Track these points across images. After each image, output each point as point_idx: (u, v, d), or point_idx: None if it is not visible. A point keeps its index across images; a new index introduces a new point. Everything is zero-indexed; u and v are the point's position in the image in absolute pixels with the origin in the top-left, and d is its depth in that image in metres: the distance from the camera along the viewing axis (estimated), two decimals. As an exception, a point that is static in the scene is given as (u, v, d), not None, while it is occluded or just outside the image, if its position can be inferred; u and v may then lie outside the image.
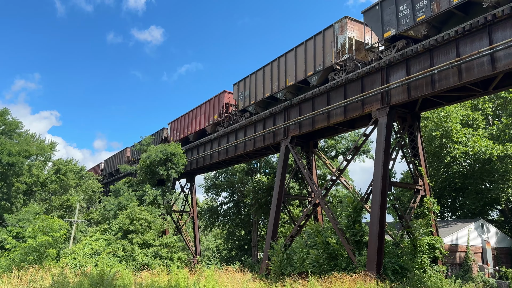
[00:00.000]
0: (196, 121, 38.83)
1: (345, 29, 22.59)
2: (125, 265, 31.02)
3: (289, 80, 26.76)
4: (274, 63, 28.46)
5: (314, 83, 24.79)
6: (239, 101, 32.32)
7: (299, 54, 26.08)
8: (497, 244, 33.06)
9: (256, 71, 30.44)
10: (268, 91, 28.78)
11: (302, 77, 25.61)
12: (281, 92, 27.56)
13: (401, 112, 22.69)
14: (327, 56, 23.66)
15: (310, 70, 24.94)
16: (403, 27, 19.33)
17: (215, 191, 49.74)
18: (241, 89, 32.09)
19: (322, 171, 41.11)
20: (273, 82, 28.27)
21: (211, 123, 36.14)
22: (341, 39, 22.82)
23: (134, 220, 34.15)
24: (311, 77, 24.92)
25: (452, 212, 42.19)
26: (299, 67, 25.92)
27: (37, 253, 28.66)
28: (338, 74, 23.36)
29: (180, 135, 41.57)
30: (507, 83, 19.30)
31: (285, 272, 23.01)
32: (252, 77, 30.86)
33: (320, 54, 24.23)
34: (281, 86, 27.44)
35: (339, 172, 23.93)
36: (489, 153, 33.12)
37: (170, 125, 44.27)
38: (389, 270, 18.97)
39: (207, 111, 37.20)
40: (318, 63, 24.32)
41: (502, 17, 16.06)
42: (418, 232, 20.94)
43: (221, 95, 35.53)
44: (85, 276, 20.90)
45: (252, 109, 30.79)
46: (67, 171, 51.47)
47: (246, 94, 31.33)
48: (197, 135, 39.15)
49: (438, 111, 35.30)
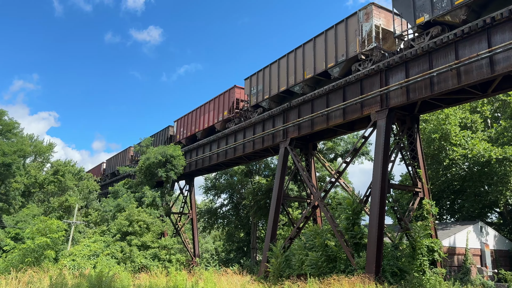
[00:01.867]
0: (205, 118, 37.18)
1: (371, 17, 21.07)
2: (124, 267, 30.97)
3: (308, 72, 25.15)
4: (290, 55, 26.87)
5: (336, 75, 23.24)
6: (251, 96, 30.65)
7: (319, 44, 24.48)
8: (495, 246, 33.07)
9: (270, 64, 28.91)
10: (284, 85, 27.21)
11: (322, 69, 24.04)
12: (298, 85, 25.95)
13: (400, 115, 22.72)
14: (351, 45, 22.11)
15: (331, 61, 23.40)
16: (439, 11, 17.97)
17: (214, 192, 49.71)
18: (254, 83, 30.50)
19: (321, 173, 41.11)
20: (289, 75, 26.69)
21: (220, 119, 34.62)
22: (366, 27, 21.27)
23: (132, 221, 34.12)
24: (332, 69, 23.32)
25: (451, 214, 42.22)
26: (319, 59, 24.34)
27: (35, 255, 28.62)
28: (363, 65, 21.84)
29: (187, 133, 40.11)
30: (505, 85, 19.34)
31: (284, 274, 22.97)
32: (265, 71, 29.33)
33: (342, 43, 22.71)
34: (298, 79, 25.84)
35: (338, 174, 23.94)
36: (487, 155, 33.17)
37: (176, 122, 42.90)
38: (388, 273, 18.96)
39: (216, 108, 35.56)
40: (341, 53, 22.77)
41: (501, 20, 16.12)
42: (417, 234, 20.94)
43: (231, 91, 33.84)
44: (83, 278, 20.86)
45: (265, 104, 29.16)
46: (65, 172, 51.39)
47: (259, 88, 29.74)
48: (205, 132, 37.64)
49: (437, 114, 35.36)
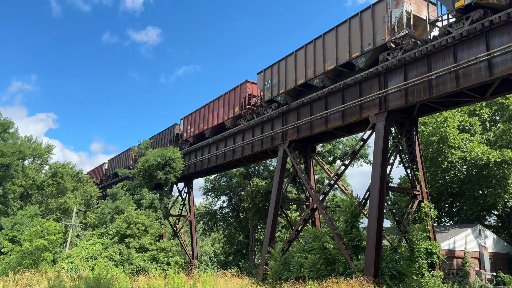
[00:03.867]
0: (214, 115, 35.56)
1: (401, 2, 19.96)
2: (122, 269, 30.89)
3: (329, 64, 23.65)
4: (309, 46, 25.35)
5: (361, 65, 21.79)
6: (265, 91, 29.11)
7: (341, 34, 23.05)
8: (494, 249, 33.07)
9: (286, 56, 27.40)
10: (302, 77, 25.66)
11: (345, 59, 22.59)
12: (318, 78, 24.46)
13: (399, 117, 22.76)
14: (378, 33, 20.70)
15: (356, 51, 21.89)
16: (483, -7, 16.57)
17: (214, 194, 49.68)
18: (268, 77, 28.92)
19: (320, 175, 41.15)
20: (308, 68, 25.17)
21: (231, 116, 33.05)
22: (396, 13, 20.09)
23: (131, 224, 34.06)
24: (357, 59, 21.85)
25: (449, 217, 42.24)
26: (341, 49, 22.90)
27: (33, 257, 28.54)
28: (393, 54, 20.43)
29: (194, 131, 38.58)
30: (504, 88, 19.41)
31: (282, 277, 22.94)
32: (281, 64, 27.83)
33: (369, 32, 21.22)
34: (318, 71, 24.36)
35: (337, 177, 23.95)
36: (486, 158, 33.22)
37: (183, 120, 41.61)
38: (386, 275, 18.96)
39: (226, 104, 33.95)
40: (367, 42, 21.29)
41: (500, 23, 16.19)
42: (415, 237, 20.95)
43: (242, 86, 32.36)
44: (81, 280, 20.81)
45: (281, 99, 27.68)
46: (64, 175, 51.29)
47: (274, 82, 28.19)
48: (214, 130, 36.11)
49: (435, 117, 35.42)
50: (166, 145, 43.39)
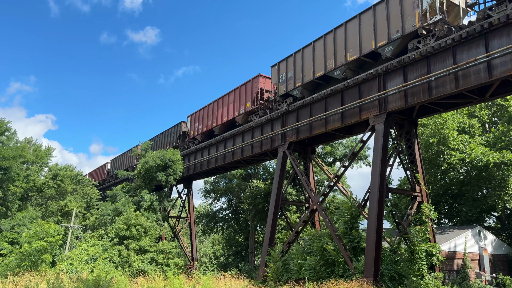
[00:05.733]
0: (223, 111, 34.25)
1: None
2: (121, 271, 30.87)
3: (351, 54, 22.34)
4: (328, 36, 24.07)
5: (388, 54, 20.44)
6: (279, 84, 27.81)
7: (365, 21, 21.70)
8: (494, 251, 33.06)
9: (302, 48, 26.05)
10: (321, 69, 24.32)
11: (369, 48, 21.24)
12: (339, 69, 23.12)
13: (398, 119, 22.78)
14: (408, 20, 19.39)
15: (382, 39, 20.59)
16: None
17: (213, 196, 49.65)
18: (282, 70, 27.63)
19: (319, 177, 41.14)
20: (328, 59, 23.88)
21: (242, 112, 31.70)
22: None
23: (130, 225, 34.05)
24: (384, 48, 20.53)
25: (449, 219, 42.24)
26: (366, 37, 21.53)
27: (32, 259, 28.51)
28: (424, 41, 19.09)
29: (202, 128, 37.27)
30: (503, 90, 19.42)
31: (282, 278, 22.92)
32: (297, 56, 26.46)
33: (396, 18, 19.90)
34: (339, 62, 23.00)
35: (337, 178, 23.94)
36: (485, 160, 33.24)
37: (190, 117, 40.16)
38: (386, 277, 18.94)
39: (237, 99, 32.62)
40: (395, 29, 19.97)
41: (499, 25, 16.21)
42: (415, 238, 20.94)
43: (254, 80, 30.97)
44: (80, 282, 20.77)
45: (297, 93, 26.31)
46: (64, 177, 51.25)
47: (290, 75, 26.88)
48: (224, 127, 34.84)
49: (435, 118, 35.46)
50: (172, 144, 42.55)
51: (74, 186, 52.85)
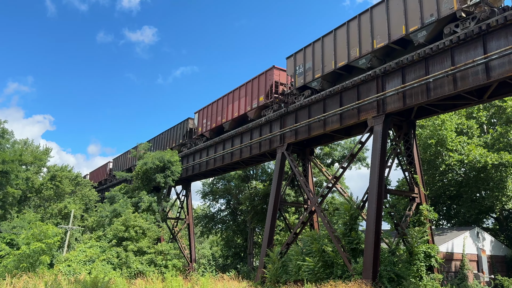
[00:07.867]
0: (234, 106, 32.61)
1: None
2: (120, 272, 30.81)
3: (378, 41, 20.79)
4: (352, 23, 22.46)
5: (421, 40, 18.99)
6: (296, 76, 26.23)
7: (394, 6, 20.16)
8: (492, 252, 33.11)
9: (322, 36, 24.45)
10: (343, 59, 22.75)
11: (399, 34, 19.73)
12: (364, 58, 21.55)
13: (397, 120, 22.83)
14: (443, 2, 17.99)
15: (414, 24, 19.09)
16: None
17: (212, 197, 49.57)
18: (299, 61, 26.00)
19: (318, 178, 41.14)
20: (351, 47, 22.30)
21: (254, 106, 30.03)
22: None
23: (129, 227, 34.00)
24: (416, 33, 19.04)
25: (447, 220, 42.29)
26: (395, 23, 20.01)
27: (30, 260, 28.44)
28: (463, 25, 17.65)
29: (211, 124, 35.63)
30: (501, 91, 19.48)
31: (280, 280, 22.91)
32: (315, 46, 24.87)
33: (431, 0, 18.46)
34: (365, 50, 21.42)
35: (335, 180, 23.97)
36: (483, 161, 33.31)
37: (198, 114, 38.44)
38: (385, 278, 18.94)
39: (249, 93, 30.98)
40: (428, 13, 18.50)
41: (497, 26, 16.27)
42: (414, 240, 20.97)
43: (268, 72, 29.19)
44: (78, 284, 20.71)
45: (316, 85, 24.73)
46: (62, 178, 51.11)
47: (308, 66, 25.28)
48: (235, 122, 33.06)
49: (433, 119, 35.53)
50: (178, 142, 41.65)
51: (72, 187, 52.72)
